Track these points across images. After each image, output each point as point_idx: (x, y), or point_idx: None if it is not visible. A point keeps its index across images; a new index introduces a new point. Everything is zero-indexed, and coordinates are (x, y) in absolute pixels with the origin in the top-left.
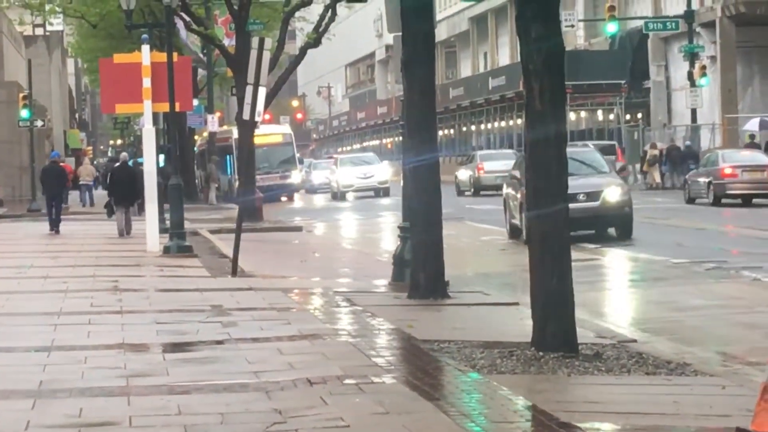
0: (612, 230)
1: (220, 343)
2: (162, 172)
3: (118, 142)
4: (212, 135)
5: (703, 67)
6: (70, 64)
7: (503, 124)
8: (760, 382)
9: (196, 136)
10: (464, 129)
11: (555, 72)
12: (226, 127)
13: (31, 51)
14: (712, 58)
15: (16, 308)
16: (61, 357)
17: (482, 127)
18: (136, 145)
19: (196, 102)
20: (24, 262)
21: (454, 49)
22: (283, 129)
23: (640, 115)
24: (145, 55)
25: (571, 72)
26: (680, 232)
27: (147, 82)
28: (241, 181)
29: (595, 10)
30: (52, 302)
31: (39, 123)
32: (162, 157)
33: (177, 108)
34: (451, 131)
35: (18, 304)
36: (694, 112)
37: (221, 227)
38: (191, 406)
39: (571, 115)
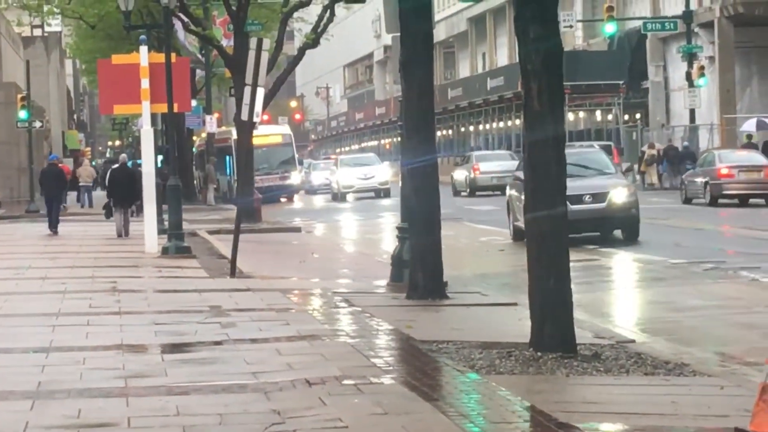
0: (617, 232)
1: (219, 343)
2: (159, 173)
3: (117, 143)
4: (210, 136)
5: (702, 68)
6: (69, 65)
7: (502, 124)
8: (759, 383)
9: (195, 137)
10: (463, 129)
11: (553, 72)
12: (225, 127)
13: (30, 52)
14: (711, 59)
15: (14, 309)
16: (59, 358)
17: (480, 127)
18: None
19: (194, 103)
20: (22, 263)
21: (453, 50)
22: (283, 129)
23: (638, 116)
24: (144, 56)
25: (569, 72)
26: (679, 233)
27: (145, 83)
28: (239, 182)
29: (594, 10)
30: (50, 303)
31: (37, 124)
32: (160, 158)
33: (175, 109)
34: (450, 132)
35: (16, 305)
36: (692, 113)
37: (220, 228)
38: (190, 407)
39: (570, 116)
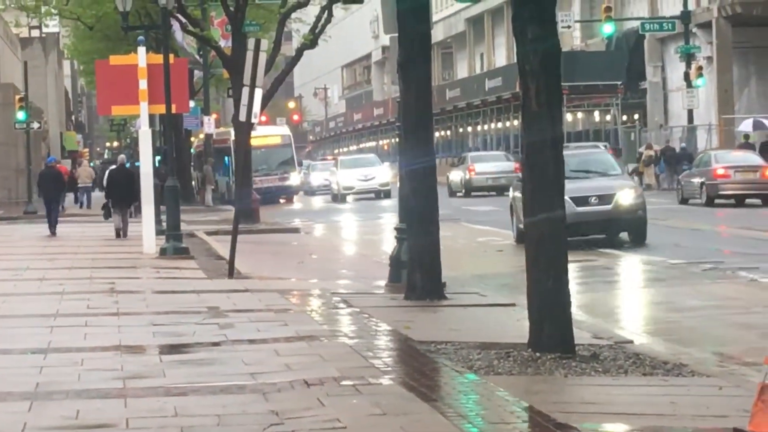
0: (624, 235)
1: (217, 344)
2: (157, 173)
3: (115, 144)
4: (209, 137)
5: (700, 68)
6: (66, 66)
7: (500, 125)
8: (757, 383)
9: (193, 138)
10: (461, 130)
11: (551, 73)
12: (224, 128)
13: (27, 53)
14: (709, 59)
15: (12, 310)
16: (57, 359)
17: (479, 128)
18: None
19: (192, 104)
20: (20, 264)
21: (451, 50)
22: (282, 130)
23: (636, 116)
24: (141, 57)
25: (567, 73)
26: (677, 233)
27: (143, 84)
28: (237, 183)
29: (592, 11)
30: (48, 304)
31: (35, 125)
32: (157, 159)
33: (173, 110)
34: (448, 132)
35: (14, 306)
36: (690, 113)
37: (218, 229)
38: (188, 408)
39: (568, 116)
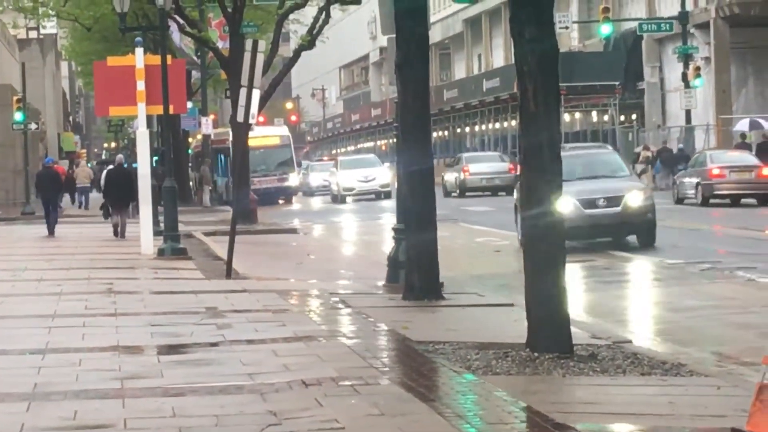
0: (630, 237)
1: (215, 345)
2: (154, 173)
3: (112, 144)
4: (206, 137)
5: (698, 68)
6: (64, 67)
7: (497, 125)
8: (755, 382)
9: (191, 139)
10: (458, 131)
11: (549, 73)
12: (223, 129)
13: (25, 54)
14: (707, 59)
15: (10, 311)
16: (55, 359)
17: (476, 128)
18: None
19: (190, 104)
20: (18, 265)
21: (448, 51)
22: (281, 131)
23: (634, 117)
24: (139, 58)
25: (565, 73)
26: (675, 233)
27: (141, 85)
28: (235, 184)
29: (589, 11)
30: (46, 305)
31: (33, 126)
32: (154, 159)
33: (171, 110)
34: (446, 133)
35: (12, 307)
36: (688, 113)
37: (216, 230)
38: (186, 408)
39: (566, 117)
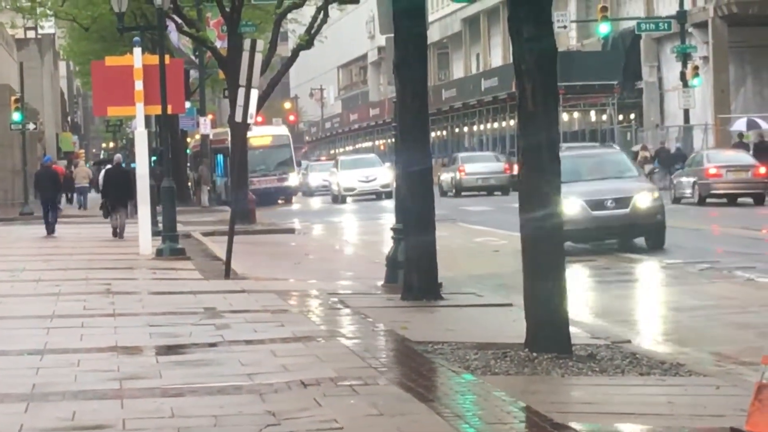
0: (637, 240)
1: (214, 345)
2: (152, 173)
3: (111, 144)
4: (205, 137)
5: (696, 68)
6: (62, 67)
7: (496, 125)
8: (754, 382)
9: (189, 139)
10: (457, 130)
11: (547, 73)
12: (222, 128)
13: (23, 54)
14: (705, 59)
15: (8, 311)
16: (54, 360)
17: (475, 128)
18: (129, 147)
19: (188, 104)
20: (16, 266)
21: (447, 51)
22: (281, 130)
23: (632, 116)
24: (137, 58)
25: (563, 73)
26: (672, 233)
27: (139, 85)
28: (233, 184)
29: (588, 11)
30: (44, 305)
31: (31, 126)
32: (153, 159)
33: (169, 110)
34: (444, 133)
35: (10, 308)
36: (686, 113)
37: (214, 230)
38: (184, 409)
39: (564, 116)
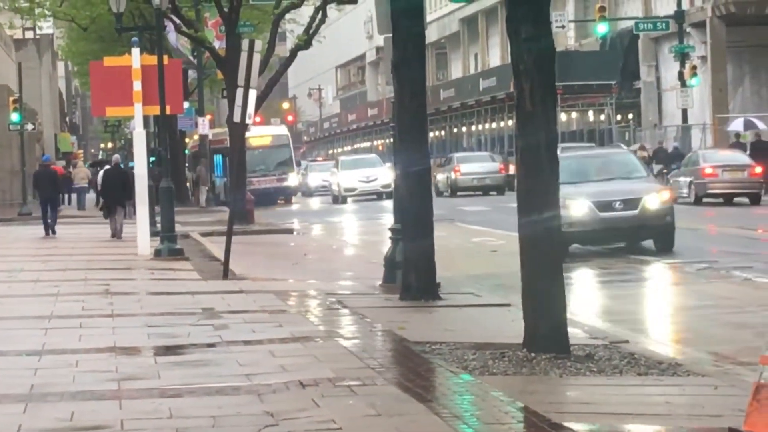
0: (643, 242)
1: (212, 345)
2: (150, 173)
3: (109, 145)
4: (203, 137)
5: (694, 68)
6: (61, 67)
7: (494, 125)
8: (752, 382)
9: (187, 139)
10: (455, 130)
11: (545, 72)
12: (221, 129)
13: (21, 54)
14: (703, 58)
15: (6, 312)
16: (52, 361)
17: (473, 128)
18: (127, 148)
19: (186, 105)
20: (14, 266)
21: (445, 51)
22: (281, 130)
23: (631, 116)
24: (136, 58)
25: (561, 73)
26: None
27: (137, 85)
28: (231, 184)
29: (586, 11)
30: (43, 306)
31: (29, 126)
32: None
33: (168, 111)
34: (442, 133)
35: (9, 308)
36: (684, 113)
37: (212, 230)
38: (183, 409)
39: (562, 116)
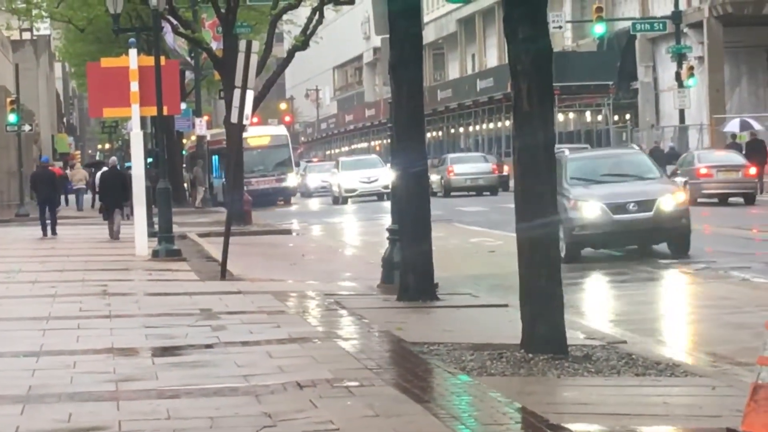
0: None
1: (210, 346)
2: (147, 174)
3: (106, 146)
4: (201, 138)
5: (691, 68)
6: (58, 68)
7: (491, 125)
8: (750, 383)
9: (185, 140)
10: (452, 131)
11: (543, 73)
12: (219, 129)
13: (19, 55)
14: (700, 59)
15: (4, 313)
16: (50, 362)
17: (470, 128)
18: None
19: (183, 105)
20: (12, 267)
21: (442, 51)
22: (279, 130)
23: (628, 116)
24: (133, 59)
25: (559, 73)
26: None
27: (135, 86)
28: (229, 184)
29: (583, 11)
30: (40, 307)
31: (26, 127)
32: (148, 160)
33: (165, 111)
34: (440, 133)
35: (6, 309)
36: (682, 113)
37: (210, 231)
38: (180, 411)
39: (560, 117)
